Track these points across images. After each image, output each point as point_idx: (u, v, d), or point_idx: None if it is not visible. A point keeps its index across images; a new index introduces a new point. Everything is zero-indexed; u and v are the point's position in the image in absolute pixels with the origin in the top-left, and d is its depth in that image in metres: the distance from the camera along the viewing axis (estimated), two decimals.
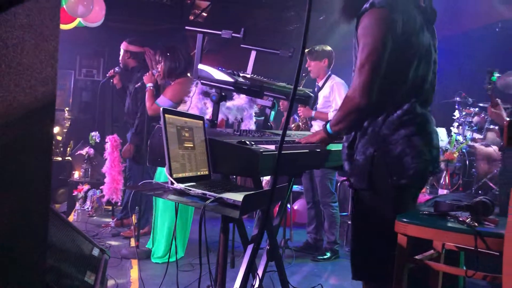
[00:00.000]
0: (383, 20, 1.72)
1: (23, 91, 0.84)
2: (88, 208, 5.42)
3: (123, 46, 4.59)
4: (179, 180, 1.49)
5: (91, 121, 7.83)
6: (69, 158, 6.32)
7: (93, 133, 5.79)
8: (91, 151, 5.82)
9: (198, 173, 1.64)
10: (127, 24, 8.11)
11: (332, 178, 4.16)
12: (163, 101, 3.73)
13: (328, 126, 1.90)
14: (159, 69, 3.85)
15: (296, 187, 5.44)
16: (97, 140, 5.75)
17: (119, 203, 4.75)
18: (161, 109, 1.50)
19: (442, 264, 1.87)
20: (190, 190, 1.43)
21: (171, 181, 1.46)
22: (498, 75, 3.26)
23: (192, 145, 1.64)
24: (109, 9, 5.84)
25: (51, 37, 0.92)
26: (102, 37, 8.07)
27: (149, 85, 3.85)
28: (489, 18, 6.23)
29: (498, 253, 1.53)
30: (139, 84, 4.08)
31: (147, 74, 3.90)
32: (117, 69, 4.61)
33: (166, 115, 1.51)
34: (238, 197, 1.39)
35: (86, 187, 5.47)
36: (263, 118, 3.32)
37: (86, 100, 8.57)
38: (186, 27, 2.50)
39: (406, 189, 1.81)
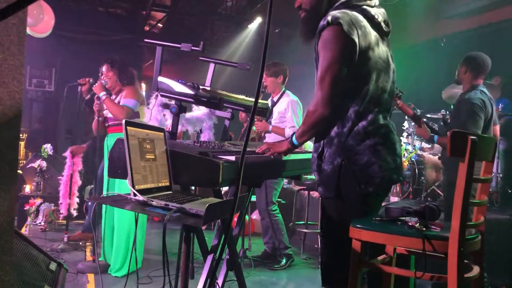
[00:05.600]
0: (339, 36, 1.82)
1: None
2: (40, 223, 5.25)
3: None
4: (141, 192, 1.51)
5: (43, 133, 7.60)
6: (19, 171, 6.10)
7: (45, 145, 5.62)
8: (43, 164, 5.64)
9: (160, 184, 1.67)
10: (81, 34, 7.97)
11: (277, 187, 4.28)
12: (130, 101, 3.72)
13: (294, 138, 1.98)
14: (108, 79, 3.83)
15: (254, 198, 5.49)
16: (50, 153, 5.59)
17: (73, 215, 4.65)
18: (123, 121, 1.52)
19: (393, 267, 1.97)
20: (153, 201, 1.46)
21: (134, 193, 1.48)
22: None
23: (153, 157, 1.66)
24: (62, 18, 5.74)
25: (17, 52, 0.94)
26: (54, 47, 7.88)
27: (103, 93, 3.77)
28: (434, 33, 6.60)
29: (443, 255, 1.64)
30: (88, 96, 4.03)
31: (96, 85, 3.82)
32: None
33: (128, 128, 1.53)
34: (200, 207, 1.43)
35: (38, 201, 5.30)
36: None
37: (37, 111, 8.30)
38: (145, 40, 2.51)
39: (372, 196, 1.91)
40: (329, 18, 1.84)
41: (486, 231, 1.86)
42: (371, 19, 1.95)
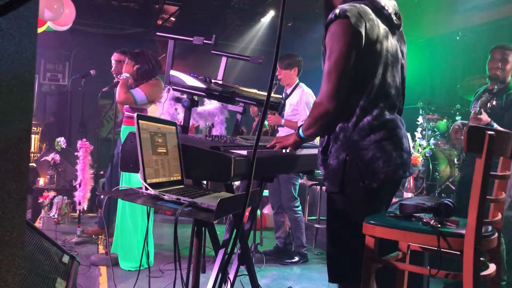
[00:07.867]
0: (347, 29, 1.79)
1: (1, 98, 0.85)
2: (54, 215, 5.30)
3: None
4: (153, 186, 1.50)
5: (57, 126, 7.67)
6: (33, 164, 6.15)
7: (59, 139, 5.66)
8: (57, 157, 5.69)
9: (171, 179, 1.66)
10: (93, 28, 7.99)
11: (296, 183, 4.23)
12: (139, 94, 3.62)
13: (300, 131, 1.96)
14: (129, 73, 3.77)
15: (266, 192, 5.48)
16: (63, 146, 5.63)
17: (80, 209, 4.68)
18: (136, 114, 1.52)
19: (407, 264, 1.95)
20: (165, 195, 1.45)
21: (145, 187, 1.47)
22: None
23: (165, 151, 1.65)
24: (76, 13, 5.75)
25: (29, 44, 0.93)
26: (68, 41, 7.93)
27: (126, 75, 3.68)
28: (450, 26, 6.48)
29: (459, 252, 1.61)
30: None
31: (127, 62, 3.71)
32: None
33: (140, 121, 1.52)
34: (211, 201, 1.42)
35: (52, 194, 5.35)
36: None
37: (51, 105, 8.37)
38: (157, 33, 2.50)
39: (377, 192, 1.87)
40: (337, 11, 1.82)
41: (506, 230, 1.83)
42: (380, 9, 1.92)
